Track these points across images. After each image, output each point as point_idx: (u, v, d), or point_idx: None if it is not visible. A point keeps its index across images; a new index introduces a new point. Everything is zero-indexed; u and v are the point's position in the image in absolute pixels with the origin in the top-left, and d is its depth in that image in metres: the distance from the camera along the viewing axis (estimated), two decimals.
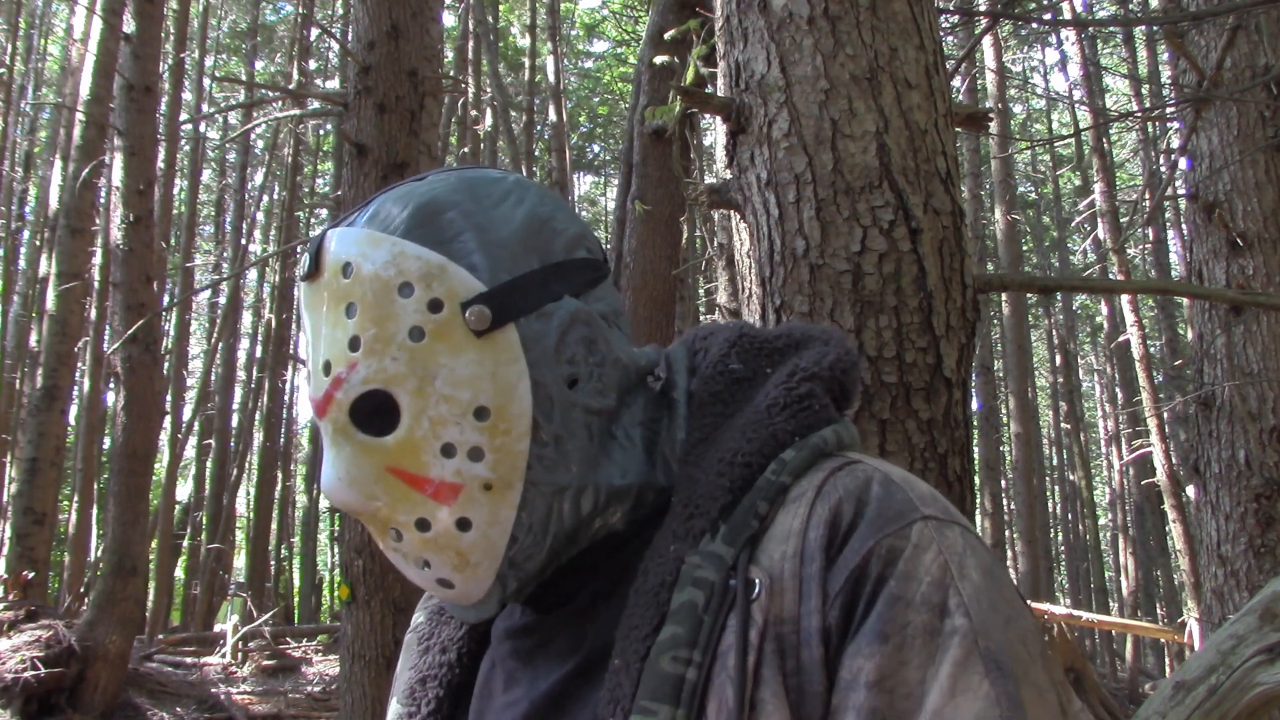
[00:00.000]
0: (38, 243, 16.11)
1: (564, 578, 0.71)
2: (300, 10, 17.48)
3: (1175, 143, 6.74)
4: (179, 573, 17.64)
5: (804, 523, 0.62)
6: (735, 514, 0.63)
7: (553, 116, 15.31)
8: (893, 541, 0.59)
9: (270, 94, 14.78)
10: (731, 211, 1.78)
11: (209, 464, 17.59)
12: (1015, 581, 0.67)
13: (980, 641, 0.56)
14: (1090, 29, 15.32)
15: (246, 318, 21.11)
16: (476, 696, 0.77)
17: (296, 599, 19.63)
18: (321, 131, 20.12)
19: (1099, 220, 12.74)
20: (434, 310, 0.66)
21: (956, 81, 10.69)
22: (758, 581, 0.60)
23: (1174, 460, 11.01)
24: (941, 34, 2.01)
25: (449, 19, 16.94)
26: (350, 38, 4.76)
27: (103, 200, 11.19)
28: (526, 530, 0.68)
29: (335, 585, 16.86)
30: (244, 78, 18.34)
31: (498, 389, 0.66)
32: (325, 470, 0.69)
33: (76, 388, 12.25)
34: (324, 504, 20.97)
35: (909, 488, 0.63)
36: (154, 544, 12.99)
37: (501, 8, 18.70)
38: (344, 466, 0.68)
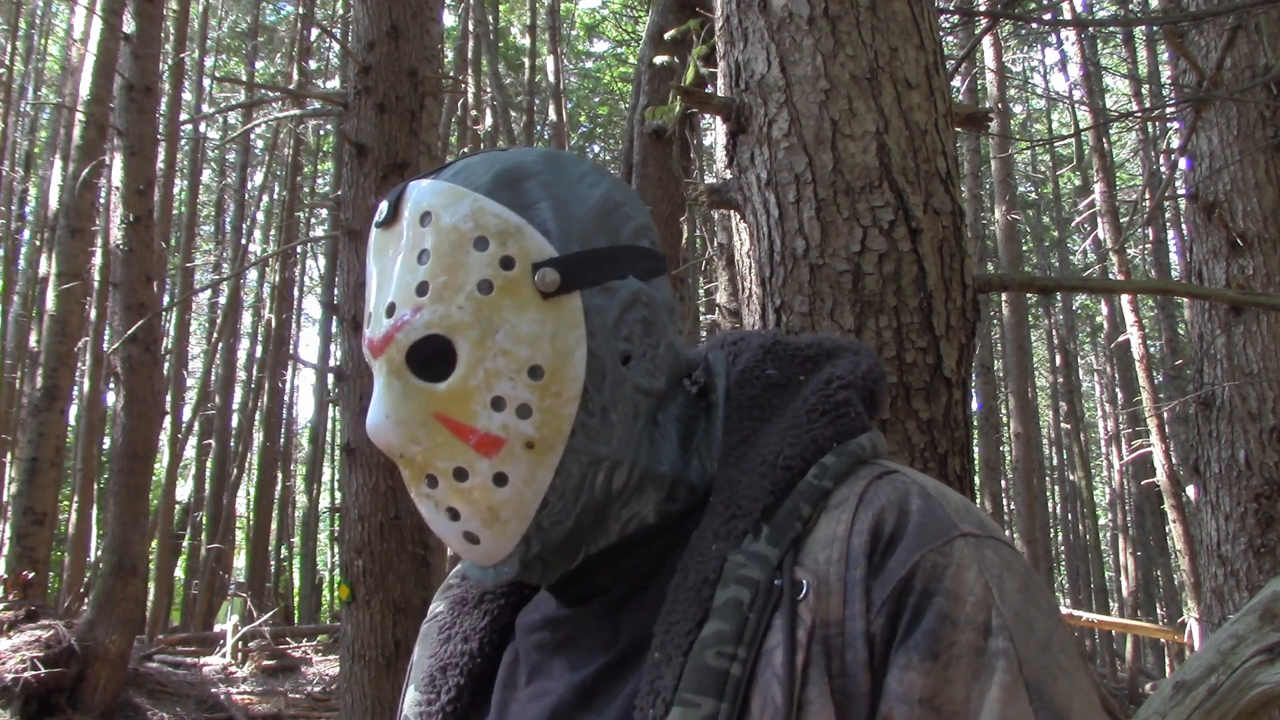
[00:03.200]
0: (38, 243, 16.09)
1: (595, 570, 0.72)
2: (300, 10, 17.47)
3: (1175, 143, 6.74)
4: (179, 573, 17.63)
5: (848, 529, 0.63)
6: (778, 516, 0.65)
7: (553, 116, 15.31)
8: (936, 558, 0.61)
9: (270, 94, 14.78)
10: (731, 211, 1.78)
11: (209, 464, 17.59)
12: None
13: (1024, 670, 0.58)
14: (1090, 29, 15.32)
15: (246, 318, 21.10)
16: (499, 688, 0.76)
17: (296, 599, 19.61)
18: (321, 131, 20.12)
19: (1099, 220, 12.74)
20: (505, 267, 0.68)
21: (956, 81, 10.69)
22: (804, 583, 0.62)
23: (1174, 460, 11.01)
24: (941, 34, 2.01)
25: (449, 19, 16.94)
26: (350, 38, 4.76)
27: (103, 200, 11.18)
28: (559, 495, 0.69)
29: (335, 585, 16.85)
30: (244, 78, 18.34)
31: (555, 351, 0.68)
32: (372, 409, 0.70)
33: (76, 388, 12.23)
34: (324, 504, 20.98)
35: (945, 502, 0.65)
36: (154, 544, 12.99)
37: (501, 8, 18.69)
38: (392, 405, 0.69)
